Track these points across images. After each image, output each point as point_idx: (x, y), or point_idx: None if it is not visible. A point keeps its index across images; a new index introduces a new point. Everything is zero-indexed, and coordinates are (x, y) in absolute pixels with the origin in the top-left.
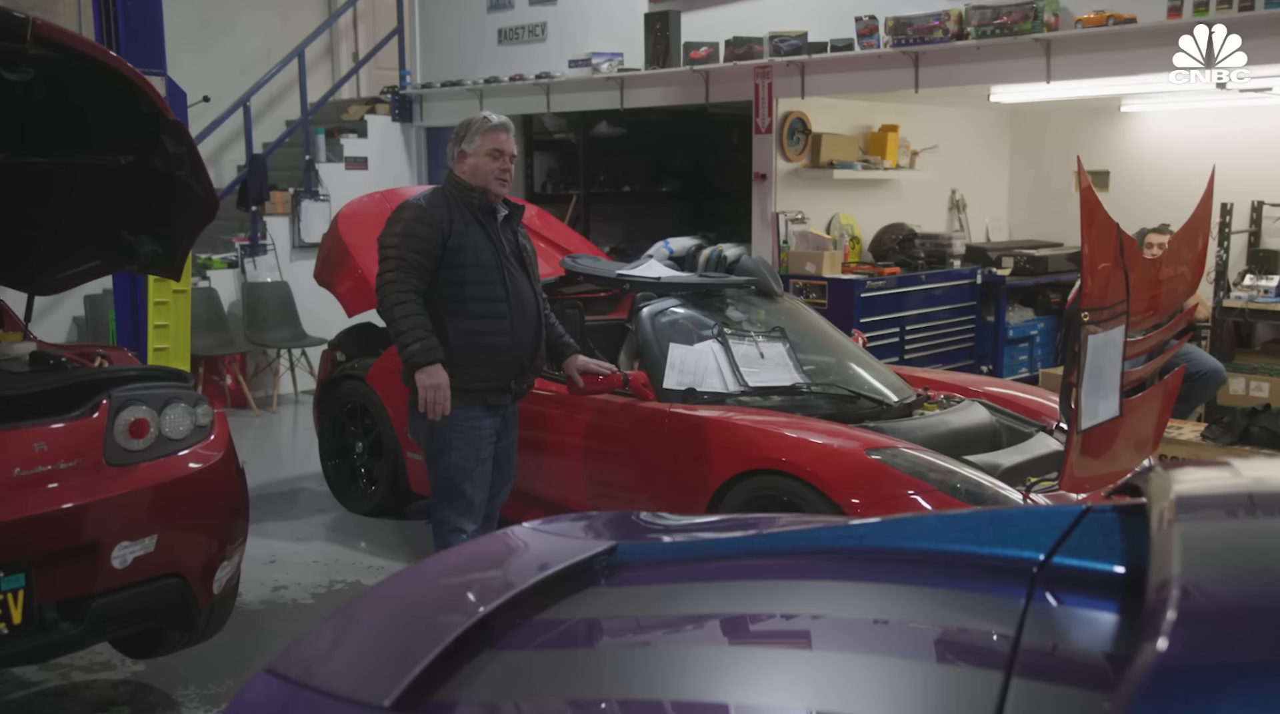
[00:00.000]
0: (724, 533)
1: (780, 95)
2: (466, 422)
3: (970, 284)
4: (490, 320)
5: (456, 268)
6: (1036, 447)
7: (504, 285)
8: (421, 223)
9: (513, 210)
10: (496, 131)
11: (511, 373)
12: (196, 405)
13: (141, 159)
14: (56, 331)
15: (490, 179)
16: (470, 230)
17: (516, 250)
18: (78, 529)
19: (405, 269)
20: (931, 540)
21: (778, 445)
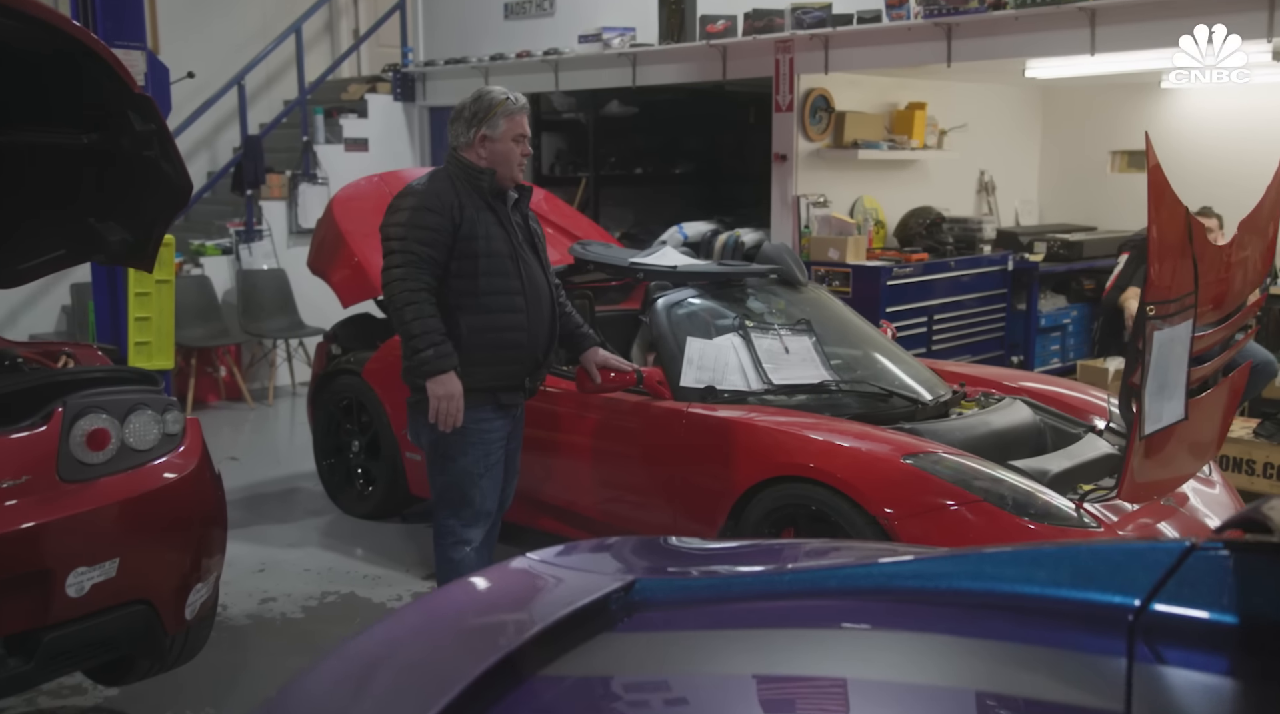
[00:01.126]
0: (758, 565)
1: (802, 71)
2: (477, 425)
3: (1001, 271)
4: (505, 314)
5: (469, 258)
6: (1086, 449)
7: (519, 276)
8: (429, 211)
9: (521, 192)
10: (521, 115)
11: (526, 369)
12: (165, 411)
13: (106, 138)
14: (44, 323)
15: (514, 166)
16: (481, 216)
17: (529, 235)
18: (26, 555)
19: (414, 264)
20: (1003, 581)
21: (805, 450)
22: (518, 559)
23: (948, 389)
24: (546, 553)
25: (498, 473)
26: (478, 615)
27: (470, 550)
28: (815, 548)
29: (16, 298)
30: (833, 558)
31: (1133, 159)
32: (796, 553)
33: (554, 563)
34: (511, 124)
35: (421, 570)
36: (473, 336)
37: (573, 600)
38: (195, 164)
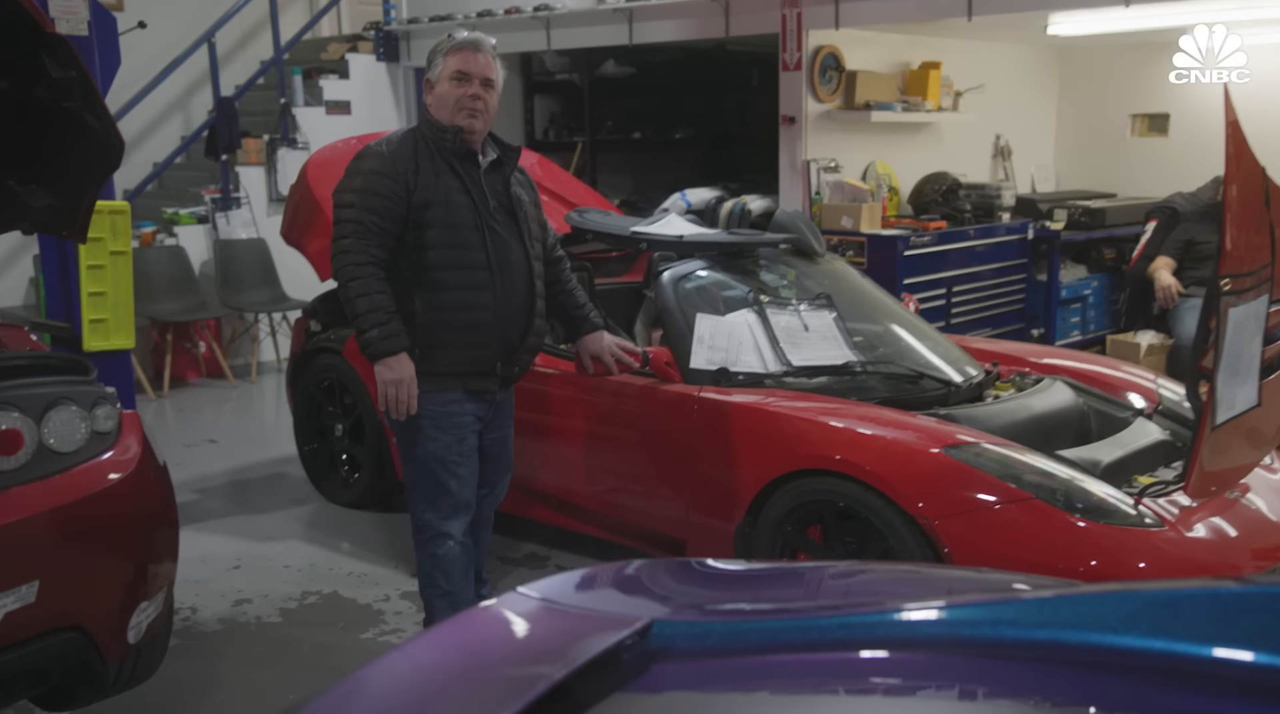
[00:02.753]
0: (800, 599)
1: (811, 27)
2: (445, 407)
3: (1020, 240)
4: (467, 291)
5: (423, 228)
6: (1137, 436)
7: (484, 248)
8: (381, 176)
9: (505, 154)
10: (461, 50)
11: (496, 354)
12: (94, 406)
13: (17, 87)
14: (11, 296)
15: (456, 111)
16: (442, 181)
17: (507, 203)
18: None
19: (362, 234)
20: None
21: (833, 440)
22: (509, 596)
23: (980, 369)
24: (545, 586)
25: (474, 461)
26: (460, 675)
27: (454, 544)
28: (869, 576)
29: None
30: (892, 590)
31: (1154, 122)
32: (848, 583)
33: (554, 600)
34: (449, 60)
35: (410, 567)
36: (429, 316)
37: (577, 653)
38: (167, 127)
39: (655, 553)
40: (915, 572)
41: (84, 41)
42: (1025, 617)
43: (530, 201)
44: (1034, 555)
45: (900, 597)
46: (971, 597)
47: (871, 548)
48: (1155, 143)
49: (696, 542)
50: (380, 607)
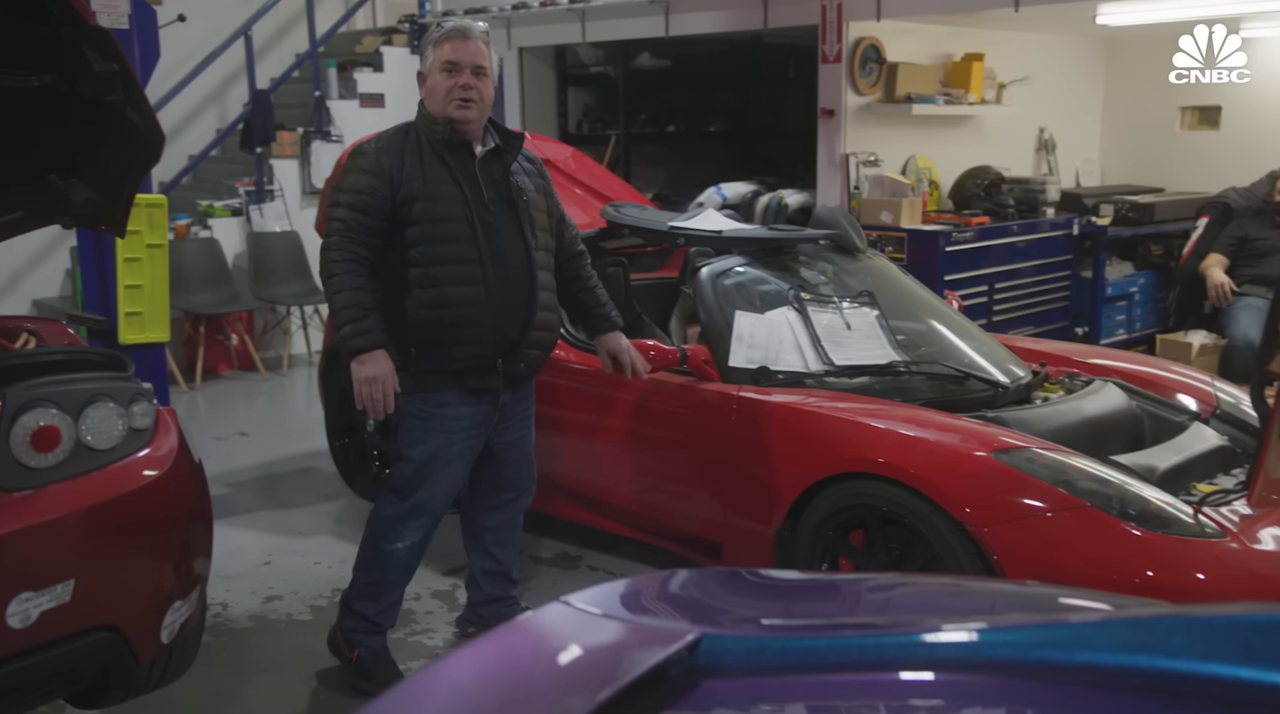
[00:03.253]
0: (860, 612)
1: (851, 18)
2: (439, 409)
3: (1065, 235)
4: (457, 287)
5: (411, 224)
6: (1194, 441)
7: (475, 242)
8: (366, 173)
9: (506, 142)
10: (450, 39)
11: (496, 350)
12: (132, 402)
13: (61, 81)
14: (48, 287)
15: (447, 102)
16: (432, 174)
17: (506, 193)
18: None
19: (343, 232)
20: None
21: (879, 443)
22: (554, 606)
23: (1027, 370)
24: (590, 596)
25: (458, 468)
26: (503, 693)
27: (402, 547)
28: (925, 590)
29: (19, 261)
30: (952, 606)
31: (1204, 115)
32: (905, 598)
33: (600, 611)
34: (439, 52)
35: (443, 565)
36: (421, 312)
37: (624, 669)
38: (203, 120)
39: (690, 555)
40: (972, 586)
41: (124, 34)
42: (1104, 636)
43: (537, 190)
44: (1087, 565)
45: (961, 614)
46: (1037, 617)
47: (916, 555)
48: (1206, 136)
49: (733, 545)
50: (410, 605)
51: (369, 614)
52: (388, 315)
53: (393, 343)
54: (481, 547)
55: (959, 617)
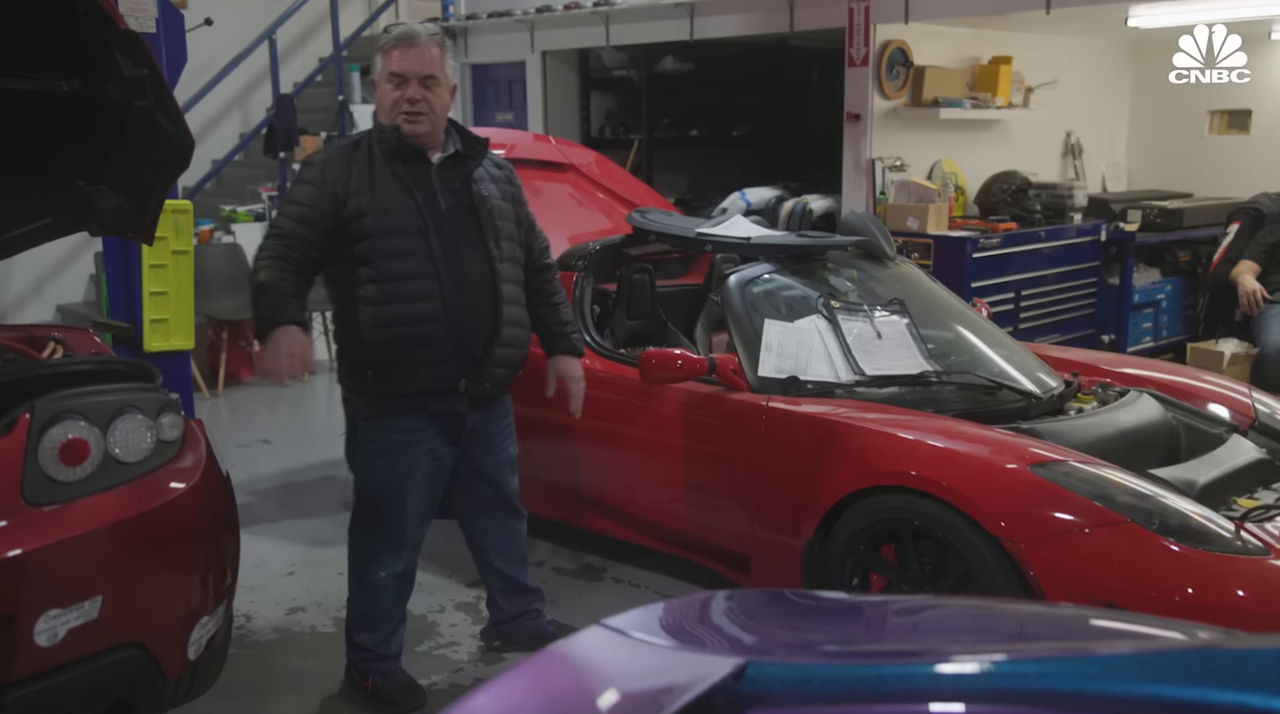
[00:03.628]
0: (912, 642)
1: (879, 20)
2: (398, 435)
3: (1093, 242)
4: (413, 303)
5: (359, 239)
6: (1233, 454)
7: (430, 255)
8: (307, 184)
9: (468, 147)
10: (395, 48)
11: (459, 370)
12: (160, 414)
13: (90, 85)
14: (72, 292)
15: (393, 115)
16: (382, 186)
17: (468, 202)
18: None
19: (281, 238)
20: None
21: (913, 455)
22: (593, 630)
23: (1059, 380)
24: (630, 620)
25: (424, 494)
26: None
27: (385, 576)
28: (979, 613)
29: (44, 266)
30: (1007, 629)
31: (1234, 119)
32: (960, 621)
33: (641, 636)
34: (386, 61)
35: (465, 576)
36: (375, 332)
37: (667, 698)
38: (226, 124)
39: (716, 567)
40: (1020, 610)
41: (151, 38)
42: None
43: (504, 198)
44: (1126, 583)
45: (1012, 640)
46: (1094, 647)
47: (950, 570)
48: (1235, 140)
49: (762, 558)
50: (435, 618)
51: (371, 645)
52: (341, 336)
53: (347, 365)
54: (490, 567)
55: (1011, 644)
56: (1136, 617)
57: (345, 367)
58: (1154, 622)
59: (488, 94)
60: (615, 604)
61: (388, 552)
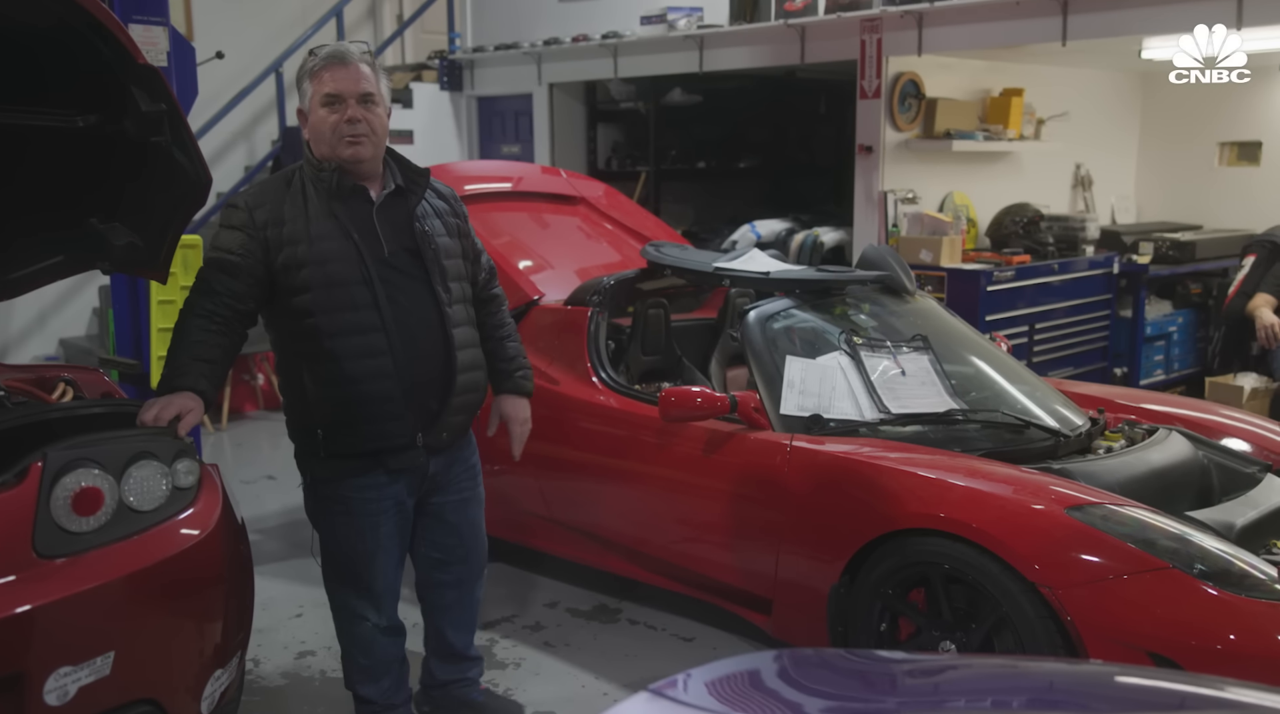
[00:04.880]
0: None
1: (891, 53)
2: (359, 493)
3: (1105, 274)
4: (361, 360)
5: (296, 292)
6: (1269, 495)
7: (376, 306)
8: (236, 231)
9: (409, 181)
10: (327, 68)
11: (414, 426)
12: (176, 459)
13: (106, 120)
14: (75, 327)
15: (335, 142)
16: (319, 232)
17: (410, 244)
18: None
19: (201, 290)
20: None
21: (944, 498)
22: (641, 698)
23: (1085, 417)
24: (679, 686)
25: (394, 546)
26: None
27: (370, 626)
28: (1032, 674)
29: (46, 299)
30: (1084, 696)
31: (1244, 151)
32: (1015, 683)
33: (693, 703)
34: (317, 84)
35: None
36: (322, 391)
37: None
38: (232, 157)
39: (735, 609)
40: (1091, 673)
41: (164, 72)
42: None
43: (449, 232)
44: (1168, 630)
45: (1084, 708)
46: None
47: (983, 616)
48: (1246, 172)
49: (785, 601)
50: None
51: (376, 697)
52: (285, 391)
53: (296, 424)
54: (432, 626)
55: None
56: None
57: (292, 425)
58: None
59: (494, 126)
60: (632, 647)
61: (367, 605)
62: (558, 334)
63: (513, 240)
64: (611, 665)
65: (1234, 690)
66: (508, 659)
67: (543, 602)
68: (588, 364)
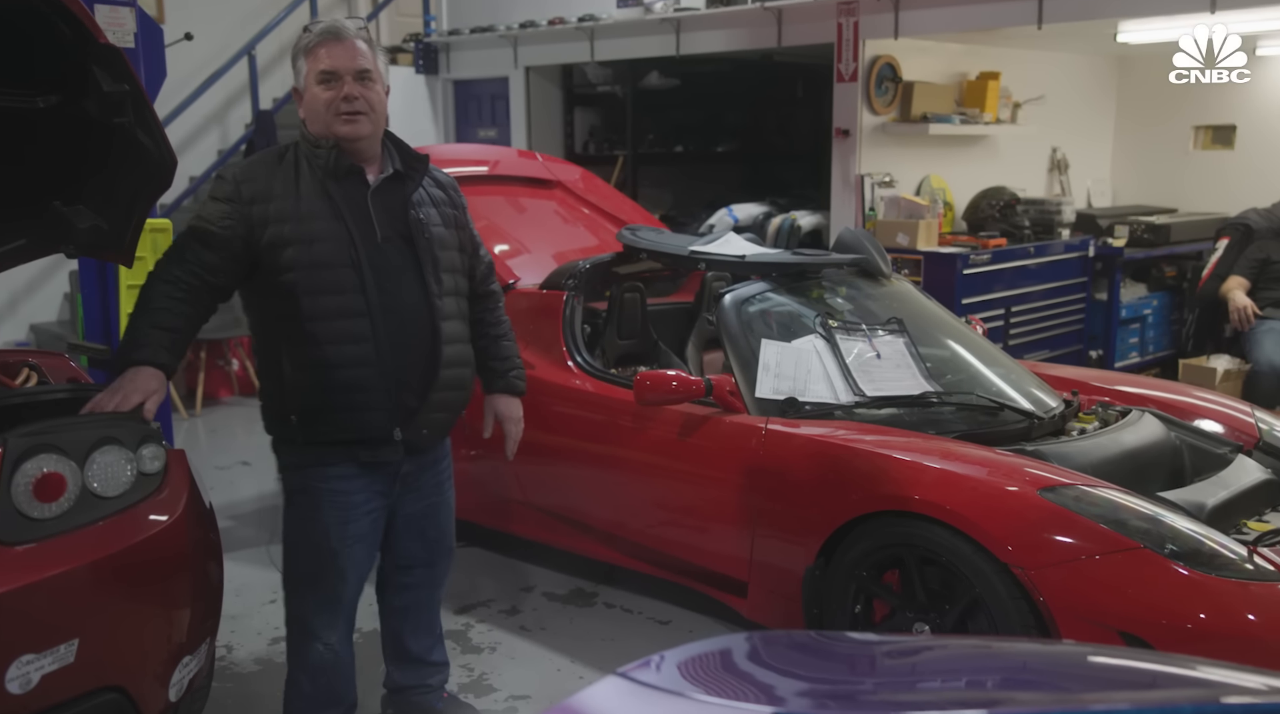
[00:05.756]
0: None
1: (868, 36)
2: (329, 483)
3: (1081, 257)
4: (342, 345)
5: (281, 271)
6: (1239, 475)
7: (363, 291)
8: (219, 202)
9: (408, 166)
10: (323, 44)
11: (390, 419)
12: (141, 445)
13: (68, 101)
14: (46, 311)
15: (332, 118)
16: (309, 211)
17: (404, 231)
18: None
19: (180, 259)
20: None
21: (918, 480)
22: (610, 682)
23: (1059, 399)
24: (647, 669)
25: (363, 551)
26: None
27: (322, 649)
28: (1009, 655)
29: (17, 284)
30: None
31: (1218, 134)
32: (991, 664)
33: (661, 686)
34: (312, 61)
35: (454, 603)
36: (298, 376)
37: None
38: (205, 141)
39: (711, 592)
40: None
41: (131, 53)
42: None
43: (445, 222)
44: (1139, 610)
45: (1057, 688)
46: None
47: (956, 597)
48: (1220, 156)
49: (760, 584)
50: None
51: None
52: (262, 375)
53: (271, 410)
54: (390, 630)
55: (1051, 693)
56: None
57: (267, 410)
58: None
59: (470, 109)
60: (608, 630)
61: (324, 616)
62: (533, 318)
63: (489, 225)
64: (588, 649)
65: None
66: (484, 644)
67: (519, 586)
68: (563, 348)
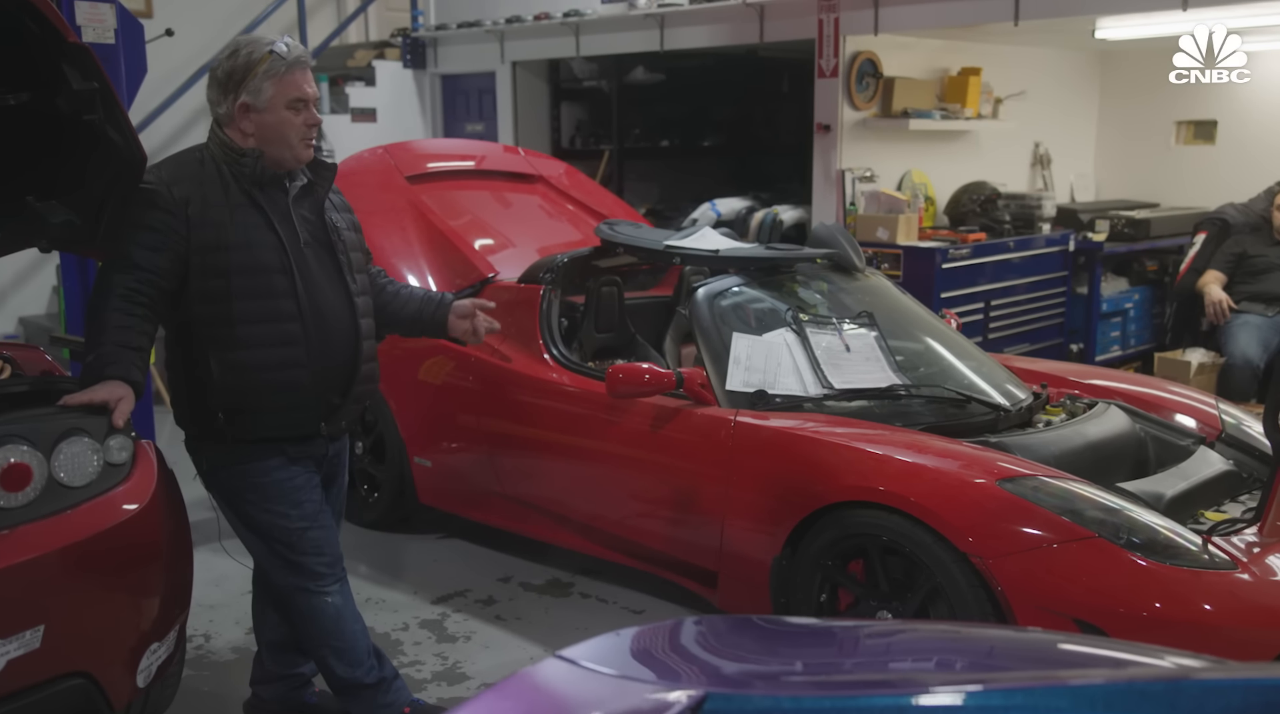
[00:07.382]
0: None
1: (849, 32)
2: (269, 476)
3: (1061, 252)
4: (275, 348)
5: (217, 276)
6: (1200, 467)
7: (294, 295)
8: (156, 208)
9: (318, 174)
10: (296, 71)
11: (317, 414)
12: (108, 436)
13: (38, 99)
14: (34, 305)
15: (297, 144)
16: (236, 216)
17: (321, 235)
18: None
19: (119, 266)
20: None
21: (880, 471)
22: (550, 663)
23: (1028, 392)
24: (588, 650)
25: (322, 519)
26: None
27: (331, 600)
28: (944, 637)
29: (5, 278)
30: (987, 655)
31: (1200, 130)
32: (925, 646)
33: (599, 668)
34: (283, 86)
35: (430, 593)
36: (229, 378)
37: None
38: (191, 136)
39: (684, 582)
40: (988, 635)
41: (110, 50)
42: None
43: (348, 226)
44: (1094, 598)
45: (989, 668)
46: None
47: (918, 586)
48: (1201, 151)
49: (729, 573)
50: (399, 636)
51: (369, 681)
52: (181, 377)
53: (189, 408)
54: (270, 616)
55: (982, 672)
56: (1108, 641)
57: (186, 410)
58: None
59: (458, 104)
60: (582, 620)
61: (321, 582)
62: (510, 311)
63: (474, 219)
64: (562, 638)
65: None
66: (459, 633)
67: (496, 576)
68: (540, 341)
